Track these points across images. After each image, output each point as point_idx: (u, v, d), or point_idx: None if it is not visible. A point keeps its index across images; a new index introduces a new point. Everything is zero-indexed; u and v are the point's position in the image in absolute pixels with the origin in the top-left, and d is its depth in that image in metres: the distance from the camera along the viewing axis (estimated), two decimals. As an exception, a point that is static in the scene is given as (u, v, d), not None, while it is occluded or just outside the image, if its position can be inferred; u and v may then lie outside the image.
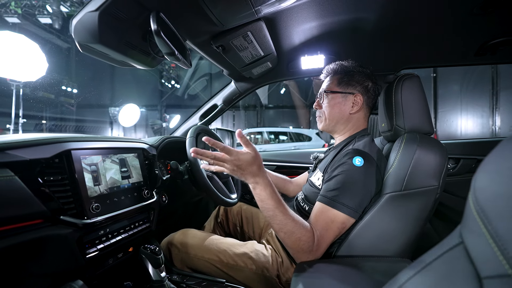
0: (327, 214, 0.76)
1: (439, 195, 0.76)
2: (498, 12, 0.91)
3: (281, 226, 0.72)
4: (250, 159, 0.70)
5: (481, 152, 1.34)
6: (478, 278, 0.29)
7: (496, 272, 0.27)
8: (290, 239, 0.72)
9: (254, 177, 0.71)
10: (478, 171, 0.31)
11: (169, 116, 10.80)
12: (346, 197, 0.75)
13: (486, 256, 0.28)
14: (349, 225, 0.78)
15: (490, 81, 5.18)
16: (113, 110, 10.41)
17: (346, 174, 0.77)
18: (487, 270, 0.28)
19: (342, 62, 0.97)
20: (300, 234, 0.72)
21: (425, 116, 0.86)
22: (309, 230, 0.74)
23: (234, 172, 0.71)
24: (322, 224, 0.75)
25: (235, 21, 0.85)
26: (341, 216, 0.75)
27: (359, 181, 0.77)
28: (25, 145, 0.61)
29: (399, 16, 0.97)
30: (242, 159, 0.70)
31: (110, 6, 0.65)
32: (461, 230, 0.33)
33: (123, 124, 8.26)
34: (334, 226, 0.75)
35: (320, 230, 0.75)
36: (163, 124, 10.92)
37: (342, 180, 0.77)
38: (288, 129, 9.51)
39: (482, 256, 0.29)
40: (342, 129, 0.97)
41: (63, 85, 12.25)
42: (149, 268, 0.76)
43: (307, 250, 0.73)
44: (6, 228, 0.55)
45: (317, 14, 0.95)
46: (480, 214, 0.29)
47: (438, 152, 0.76)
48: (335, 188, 0.77)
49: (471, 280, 0.30)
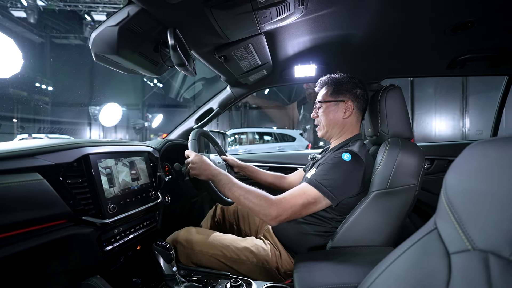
0: (303, 188, 0.87)
1: (418, 192, 0.89)
2: (465, 34, 1.05)
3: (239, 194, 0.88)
4: (198, 161, 0.97)
5: (452, 154, 1.51)
6: (447, 254, 0.39)
7: (460, 248, 0.37)
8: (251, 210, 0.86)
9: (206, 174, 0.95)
10: (448, 171, 0.41)
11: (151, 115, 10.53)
12: (326, 181, 0.86)
13: (453, 237, 0.38)
14: (321, 205, 0.87)
15: (460, 86, 5.60)
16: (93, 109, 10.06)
17: (332, 163, 0.89)
18: (453, 247, 0.38)
19: (333, 75, 1.08)
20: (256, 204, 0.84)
21: (406, 123, 0.98)
22: (268, 199, 0.85)
23: (193, 169, 0.96)
24: (294, 191, 0.86)
25: (239, 36, 0.93)
26: (314, 192, 0.85)
27: (343, 172, 0.88)
28: (50, 151, 0.65)
29: (383, 33, 1.09)
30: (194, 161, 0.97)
31: (129, 22, 0.71)
32: (435, 219, 0.44)
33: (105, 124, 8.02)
34: (304, 197, 0.85)
35: (293, 202, 0.85)
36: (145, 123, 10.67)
37: (327, 167, 0.89)
38: (272, 130, 9.57)
39: (450, 237, 0.39)
40: (337, 134, 1.07)
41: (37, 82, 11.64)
42: (161, 263, 0.82)
43: (266, 205, 0.83)
44: (36, 227, 0.59)
45: (311, 29, 1.05)
46: (449, 205, 0.39)
47: (416, 155, 0.88)
48: (320, 174, 0.88)
49: (442, 256, 0.40)
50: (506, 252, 0.32)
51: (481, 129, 5.16)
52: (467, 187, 0.39)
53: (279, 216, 0.83)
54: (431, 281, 0.40)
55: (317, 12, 0.90)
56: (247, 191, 0.88)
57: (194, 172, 0.96)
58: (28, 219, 0.57)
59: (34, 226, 0.59)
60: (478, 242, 0.35)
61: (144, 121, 11.35)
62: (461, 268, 0.36)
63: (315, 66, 1.35)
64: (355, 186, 0.90)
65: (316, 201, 0.86)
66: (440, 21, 0.99)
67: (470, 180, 0.39)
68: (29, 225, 0.57)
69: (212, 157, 1.28)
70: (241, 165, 1.40)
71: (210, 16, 0.76)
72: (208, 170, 0.95)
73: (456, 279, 0.37)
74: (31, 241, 0.58)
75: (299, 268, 0.78)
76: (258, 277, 0.97)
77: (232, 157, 1.45)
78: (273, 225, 0.87)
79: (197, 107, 1.69)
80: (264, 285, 0.87)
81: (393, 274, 0.46)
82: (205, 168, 0.95)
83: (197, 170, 0.96)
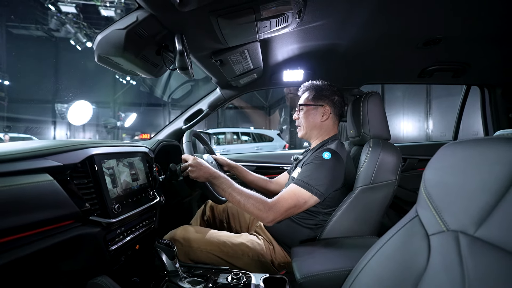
0: (293, 190, 0.95)
1: (396, 187, 1.00)
2: (434, 48, 1.21)
3: (239, 198, 0.94)
4: (198, 164, 1.01)
5: (421, 153, 1.69)
6: (427, 236, 0.48)
7: (437, 230, 0.46)
8: (249, 212, 0.93)
9: (206, 176, 1.00)
10: (426, 168, 0.51)
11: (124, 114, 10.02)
12: (312, 180, 0.95)
13: (431, 222, 0.48)
14: (311, 202, 0.96)
15: (425, 91, 6.11)
16: (60, 107, 9.34)
17: (314, 163, 0.98)
18: (432, 230, 0.47)
19: (315, 82, 1.18)
20: (254, 207, 0.92)
21: (385, 125, 1.10)
22: (265, 203, 0.93)
23: (193, 172, 1.00)
24: (292, 199, 0.94)
25: (238, 42, 0.98)
26: (303, 192, 0.94)
27: (325, 170, 0.97)
28: (60, 152, 0.66)
29: (365, 45, 1.21)
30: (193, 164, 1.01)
31: (137, 26, 0.73)
32: (416, 207, 0.53)
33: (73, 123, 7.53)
34: (295, 198, 0.94)
35: (286, 204, 0.93)
36: (118, 123, 10.17)
37: (311, 168, 0.98)
38: (250, 130, 9.59)
39: (429, 222, 0.49)
40: (316, 135, 1.17)
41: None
42: (165, 260, 0.84)
43: (267, 221, 0.92)
44: (48, 228, 0.60)
45: (302, 38, 1.13)
46: (428, 196, 0.49)
47: (395, 154, 1.00)
48: (305, 174, 0.97)
49: (423, 238, 0.49)
50: (471, 231, 0.41)
51: (444, 131, 5.68)
52: (441, 181, 0.49)
53: (275, 218, 0.92)
54: (415, 258, 0.49)
55: (310, 24, 0.98)
56: (246, 196, 0.94)
57: (194, 175, 1.00)
58: (41, 219, 0.57)
59: (46, 226, 0.59)
60: (451, 224, 0.45)
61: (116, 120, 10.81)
62: (438, 246, 0.46)
63: (303, 71, 1.44)
64: (338, 180, 1.00)
65: (306, 200, 0.95)
66: (414, 37, 1.13)
67: (443, 175, 0.49)
68: (42, 225, 0.58)
69: (205, 157, 1.32)
70: (230, 164, 1.45)
71: (215, 24, 0.80)
72: (208, 173, 1.00)
73: (434, 255, 0.46)
74: (43, 241, 0.58)
75: (296, 258, 0.85)
76: (254, 270, 1.03)
77: (222, 156, 1.50)
78: (270, 225, 0.96)
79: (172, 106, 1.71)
80: (262, 277, 0.93)
81: (383, 255, 0.55)
82: (205, 171, 1.00)
83: (196, 173, 1.00)
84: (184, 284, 0.86)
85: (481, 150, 0.45)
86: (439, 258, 0.45)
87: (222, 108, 10.90)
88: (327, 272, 0.74)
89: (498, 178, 0.41)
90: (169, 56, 0.88)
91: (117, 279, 0.89)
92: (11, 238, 0.53)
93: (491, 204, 0.40)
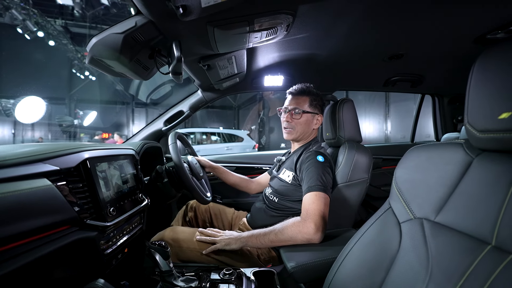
0: (317, 197, 1.00)
1: (368, 184, 1.14)
2: (397, 62, 1.38)
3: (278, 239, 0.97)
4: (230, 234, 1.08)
5: (384, 153, 1.90)
6: (398, 223, 0.59)
7: (406, 218, 0.57)
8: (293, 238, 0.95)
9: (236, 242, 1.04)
10: (397, 167, 0.62)
11: (82, 112, 9.22)
12: (322, 182, 1.02)
13: (401, 212, 0.59)
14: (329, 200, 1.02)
15: (384, 95, 6.71)
16: (5, 103, 8.28)
17: (315, 167, 1.06)
18: (402, 218, 0.58)
19: (310, 86, 1.24)
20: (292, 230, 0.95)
21: (357, 129, 1.24)
22: (298, 220, 0.97)
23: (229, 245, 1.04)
24: (318, 203, 0.98)
25: (228, 49, 1.02)
26: (324, 195, 1.01)
27: (326, 171, 1.07)
28: (57, 156, 0.65)
29: (340, 55, 1.34)
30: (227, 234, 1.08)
31: (135, 31, 0.74)
32: (389, 200, 0.64)
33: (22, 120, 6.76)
34: (326, 201, 1.00)
35: (316, 209, 0.96)
36: (75, 121, 9.34)
37: (314, 172, 1.05)
38: (219, 130, 9.53)
39: (399, 212, 0.60)
40: (304, 138, 1.26)
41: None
42: (159, 260, 0.86)
43: (312, 232, 0.93)
44: (46, 234, 0.59)
45: (285, 47, 1.22)
46: (398, 190, 0.60)
47: (367, 155, 1.13)
48: (313, 178, 1.04)
49: (395, 225, 0.60)
50: (432, 217, 0.53)
51: (400, 132, 6.31)
52: (409, 177, 0.60)
53: (317, 226, 0.93)
54: (390, 242, 0.60)
55: (295, 36, 1.06)
56: (276, 232, 0.98)
57: (227, 242, 1.04)
58: (42, 225, 0.57)
59: (45, 232, 0.59)
60: (417, 213, 0.56)
61: (72, 118, 9.92)
62: (407, 231, 0.57)
63: (283, 77, 1.53)
64: (331, 179, 1.10)
65: (328, 200, 1.01)
66: (381, 51, 1.28)
67: (410, 173, 0.61)
68: (42, 231, 0.57)
69: (190, 158, 1.33)
70: (212, 166, 1.48)
71: (210, 32, 0.84)
72: (239, 239, 1.04)
73: (405, 238, 0.57)
74: (44, 248, 0.57)
75: (284, 250, 0.93)
76: (242, 265, 1.09)
77: (203, 158, 1.52)
78: (319, 237, 0.94)
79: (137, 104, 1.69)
80: (252, 270, 0.99)
81: (364, 241, 0.66)
82: (237, 238, 1.04)
83: (229, 240, 1.05)
84: (178, 283, 0.88)
85: (439, 153, 0.57)
86: (408, 241, 0.56)
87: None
88: (315, 261, 0.83)
89: (451, 175, 0.53)
90: (162, 60, 0.89)
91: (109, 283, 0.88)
92: (12, 246, 0.52)
93: (447, 195, 0.52)
